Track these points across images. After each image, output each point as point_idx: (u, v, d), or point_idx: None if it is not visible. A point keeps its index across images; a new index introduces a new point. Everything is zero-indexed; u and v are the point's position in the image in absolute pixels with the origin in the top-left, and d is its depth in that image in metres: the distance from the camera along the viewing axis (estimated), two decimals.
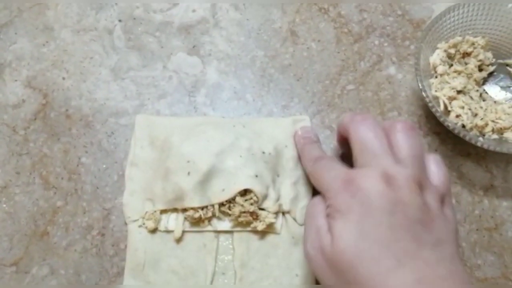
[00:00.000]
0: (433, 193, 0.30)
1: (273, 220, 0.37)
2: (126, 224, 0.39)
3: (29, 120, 0.43)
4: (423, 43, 0.40)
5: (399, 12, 0.48)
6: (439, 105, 0.40)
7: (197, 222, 0.38)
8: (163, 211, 0.38)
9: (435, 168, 0.32)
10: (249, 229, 0.38)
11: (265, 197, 0.37)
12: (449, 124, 0.38)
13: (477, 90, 0.42)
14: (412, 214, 0.28)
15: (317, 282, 0.37)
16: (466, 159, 0.42)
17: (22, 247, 0.38)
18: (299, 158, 0.40)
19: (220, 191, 0.37)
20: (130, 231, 0.38)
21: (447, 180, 0.32)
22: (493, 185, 0.41)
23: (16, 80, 0.44)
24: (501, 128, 0.39)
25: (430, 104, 0.38)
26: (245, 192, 0.37)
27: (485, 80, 0.44)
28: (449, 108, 0.40)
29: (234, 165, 0.37)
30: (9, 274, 0.38)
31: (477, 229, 0.39)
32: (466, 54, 0.43)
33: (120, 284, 0.37)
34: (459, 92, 0.40)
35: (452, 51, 0.42)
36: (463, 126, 0.39)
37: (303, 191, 0.40)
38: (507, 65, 0.44)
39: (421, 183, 0.30)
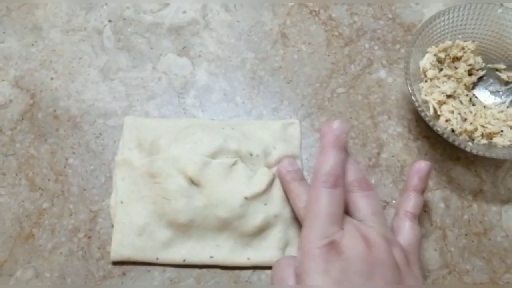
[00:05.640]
0: (399, 249, 0.30)
1: None
2: (113, 226, 0.38)
3: (16, 120, 0.42)
4: (413, 47, 0.40)
5: (390, 16, 0.48)
6: (428, 110, 0.39)
7: None
8: None
9: (409, 229, 0.33)
10: None
11: None
12: (439, 129, 0.38)
13: (467, 95, 0.42)
14: (389, 276, 0.28)
15: None
16: (456, 163, 0.42)
17: (6, 249, 0.38)
18: (286, 194, 0.37)
19: None
20: None
21: (416, 238, 0.32)
22: (482, 190, 0.41)
23: (3, 80, 0.44)
24: (490, 133, 0.39)
25: (419, 109, 0.38)
26: None
27: (474, 85, 0.43)
28: (439, 113, 0.40)
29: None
30: None
31: (466, 234, 0.39)
32: (456, 59, 0.43)
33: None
34: (448, 96, 0.40)
35: (442, 55, 0.42)
36: (453, 130, 0.39)
37: None
38: (497, 69, 0.44)
39: (388, 239, 0.30)
